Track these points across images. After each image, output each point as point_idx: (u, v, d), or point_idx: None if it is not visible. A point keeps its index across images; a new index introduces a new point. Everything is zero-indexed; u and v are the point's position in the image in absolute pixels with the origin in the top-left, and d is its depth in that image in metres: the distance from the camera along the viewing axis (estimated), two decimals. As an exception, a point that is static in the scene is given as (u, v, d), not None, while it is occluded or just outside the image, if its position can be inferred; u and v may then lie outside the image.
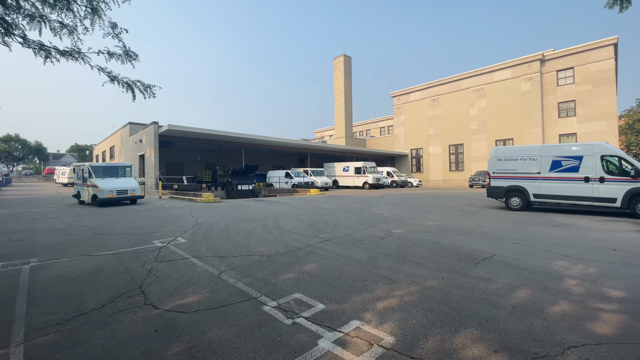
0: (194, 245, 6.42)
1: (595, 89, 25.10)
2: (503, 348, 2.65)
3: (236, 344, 2.73)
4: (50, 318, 3.25)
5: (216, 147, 29.02)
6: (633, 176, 9.54)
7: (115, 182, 14.34)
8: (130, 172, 15.72)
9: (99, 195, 13.55)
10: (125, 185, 14.44)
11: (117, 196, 13.94)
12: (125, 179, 15.02)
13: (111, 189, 13.77)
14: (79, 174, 15.47)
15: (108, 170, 14.91)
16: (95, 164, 14.66)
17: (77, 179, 15.76)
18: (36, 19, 5.43)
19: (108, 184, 13.96)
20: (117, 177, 14.89)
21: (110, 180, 14.39)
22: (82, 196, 14.97)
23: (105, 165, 15.17)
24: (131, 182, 14.86)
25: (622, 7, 5.30)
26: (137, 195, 14.74)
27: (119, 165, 15.64)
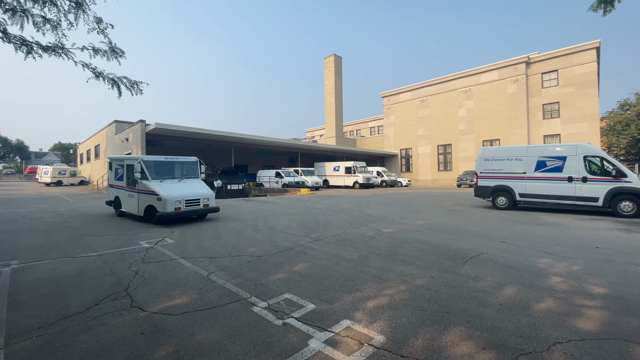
0: (182, 246, 6.32)
1: (578, 91, 25.79)
2: (491, 345, 2.69)
3: (226, 346, 2.70)
4: (32, 322, 3.15)
5: (205, 146, 28.66)
6: (614, 176, 9.84)
7: (181, 188, 9.22)
8: (197, 170, 10.41)
9: (160, 207, 8.48)
10: (196, 191, 9.35)
11: (185, 209, 8.82)
12: (191, 182, 9.81)
13: (178, 197, 8.65)
14: (117, 172, 10.74)
15: (164, 168, 9.69)
16: (150, 158, 9.48)
17: (114, 179, 10.96)
18: (18, 13, 5.25)
19: (172, 189, 8.89)
20: (179, 179, 9.72)
21: (173, 183, 9.28)
22: (124, 205, 10.24)
23: (162, 160, 9.79)
24: (201, 187, 9.77)
25: (605, 10, 5.45)
26: (210, 207, 9.50)
27: (181, 160, 10.19)
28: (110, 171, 11.10)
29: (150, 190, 8.75)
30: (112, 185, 11.12)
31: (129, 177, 9.71)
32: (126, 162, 9.96)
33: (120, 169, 10.43)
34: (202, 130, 22.43)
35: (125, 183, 10.03)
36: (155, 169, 9.33)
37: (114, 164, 10.90)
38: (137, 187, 9.19)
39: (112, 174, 11.06)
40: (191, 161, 10.26)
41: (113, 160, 11.00)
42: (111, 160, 11.09)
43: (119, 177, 10.56)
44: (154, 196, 8.60)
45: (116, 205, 10.77)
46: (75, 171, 35.32)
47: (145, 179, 9.01)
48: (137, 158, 9.13)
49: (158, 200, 8.44)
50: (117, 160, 10.77)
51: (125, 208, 10.10)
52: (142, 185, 9.01)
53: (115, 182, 10.85)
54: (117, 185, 10.64)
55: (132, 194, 9.58)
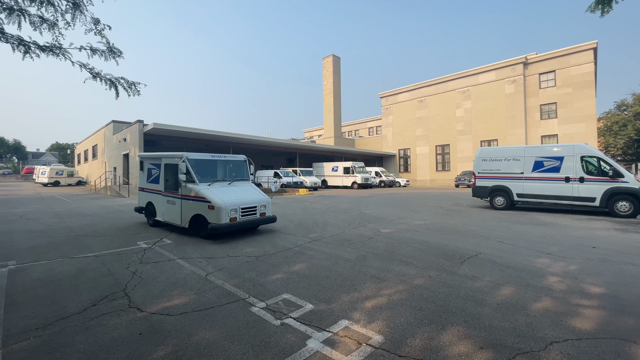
0: (180, 247, 6.31)
1: (575, 91, 25.91)
2: (488, 344, 2.70)
3: (224, 346, 2.70)
4: (29, 323, 3.14)
5: (203, 146, 28.61)
6: (611, 176, 9.89)
7: (233, 193, 7.33)
8: (246, 171, 8.49)
9: (213, 217, 6.62)
10: (252, 197, 7.49)
11: (241, 219, 6.99)
12: (243, 186, 7.95)
13: (234, 205, 6.85)
14: (151, 173, 8.63)
15: (208, 169, 7.78)
16: (195, 156, 7.61)
17: (146, 181, 8.84)
18: (15, 12, 5.23)
19: (225, 195, 7.03)
20: (228, 182, 7.79)
21: (223, 187, 7.41)
22: (161, 213, 8.21)
23: (208, 159, 7.86)
24: (255, 192, 7.94)
25: (603, 11, 5.49)
26: (267, 216, 7.67)
27: (228, 159, 8.27)
28: (142, 172, 9.00)
29: (199, 196, 6.84)
30: (143, 188, 9.01)
31: (168, 180, 7.95)
32: (164, 161, 8.04)
33: (155, 169, 8.38)
34: (200, 130, 22.41)
35: (162, 186, 8.07)
36: (198, 169, 7.37)
37: (146, 164, 8.88)
38: (181, 191, 7.32)
39: (143, 175, 8.97)
40: (239, 160, 8.35)
41: (145, 159, 8.96)
42: (142, 159, 9.05)
43: (152, 178, 8.53)
44: (203, 203, 6.74)
45: (149, 212, 8.74)
46: (72, 171, 35.18)
47: (191, 182, 7.10)
48: (181, 156, 7.29)
49: (210, 208, 6.59)
50: (150, 159, 8.68)
51: (163, 217, 8.06)
52: (188, 189, 7.12)
53: (147, 185, 8.75)
54: (151, 189, 8.59)
55: (173, 200, 7.58)
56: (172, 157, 7.78)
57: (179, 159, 7.33)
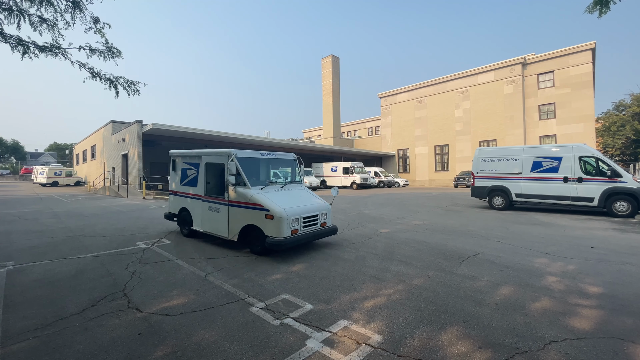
0: (179, 247, 6.31)
1: (573, 92, 25.98)
2: (487, 344, 2.71)
3: (223, 346, 2.70)
4: (28, 323, 3.13)
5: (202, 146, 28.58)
6: (609, 176, 9.92)
7: (290, 198, 6.05)
8: (296, 172, 7.15)
9: (272, 229, 5.36)
10: (310, 204, 6.18)
11: (303, 231, 5.72)
12: (297, 190, 6.58)
13: (295, 214, 5.59)
14: (186, 174, 7.28)
15: (255, 169, 6.50)
16: (245, 153, 6.30)
17: (180, 183, 7.49)
18: (14, 12, 5.22)
19: (283, 201, 5.74)
20: (280, 185, 6.45)
21: (276, 192, 6.12)
22: (200, 222, 6.79)
23: (258, 157, 6.51)
24: (312, 196, 6.57)
25: (601, 12, 5.51)
26: (328, 226, 6.33)
27: (278, 158, 6.95)
28: (174, 172, 7.69)
29: (252, 202, 5.54)
30: (175, 192, 7.60)
31: (209, 182, 6.67)
32: (205, 160, 6.65)
33: (192, 169, 7.02)
34: (199, 130, 22.39)
35: (202, 190, 6.69)
36: (245, 170, 6.07)
37: (179, 163, 7.50)
38: (228, 196, 5.99)
39: (175, 176, 7.63)
40: (288, 159, 7.03)
41: (178, 157, 7.55)
42: (175, 157, 7.66)
43: (188, 180, 7.16)
44: (259, 212, 5.44)
45: (182, 220, 7.36)
46: (71, 172, 35.09)
47: (241, 185, 5.82)
48: (228, 154, 6.02)
49: (267, 218, 5.30)
50: (186, 157, 7.30)
51: (202, 226, 6.66)
52: (238, 194, 5.77)
53: (181, 187, 7.37)
54: (186, 193, 7.18)
55: (217, 206, 6.25)
56: (216, 156, 6.45)
57: (226, 157, 6.06)
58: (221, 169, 6.39)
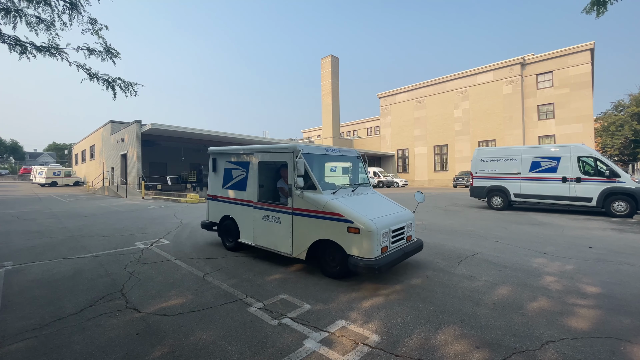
0: (178, 247, 6.30)
1: (572, 92, 26.03)
2: (484, 344, 2.71)
3: (221, 346, 2.70)
4: (26, 323, 3.13)
5: (201, 146, 28.56)
6: (608, 176, 9.95)
7: (367, 205, 4.73)
8: (362, 172, 5.92)
9: (358, 247, 4.04)
10: (395, 212, 4.86)
11: (392, 248, 4.38)
12: (369, 193, 5.45)
13: (385, 226, 4.25)
14: (231, 175, 6.07)
15: (320, 167, 5.35)
16: (310, 149, 4.99)
17: (222, 187, 6.24)
18: (12, 13, 5.21)
19: (364, 208, 4.48)
20: (352, 188, 5.21)
21: (349, 197, 4.81)
22: (251, 234, 5.47)
23: (323, 154, 5.25)
24: (389, 203, 5.40)
25: (598, 12, 5.53)
26: (414, 240, 5.05)
27: (342, 154, 5.61)
28: (214, 173, 6.43)
29: (329, 211, 4.31)
30: (216, 196, 6.34)
31: (263, 185, 5.47)
32: (258, 158, 5.39)
33: (240, 169, 5.78)
34: (198, 130, 22.39)
35: (254, 195, 5.40)
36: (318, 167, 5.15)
37: (221, 162, 6.28)
38: (291, 203, 4.75)
39: (216, 177, 6.35)
40: (352, 156, 5.73)
41: (220, 156, 6.29)
42: (216, 156, 6.39)
43: (234, 183, 5.90)
44: (337, 223, 4.22)
45: (225, 231, 6.13)
46: (70, 172, 35.04)
47: (311, 189, 4.61)
48: (293, 149, 4.76)
49: (351, 232, 4.08)
50: (230, 155, 6.03)
51: (255, 239, 5.37)
52: (307, 200, 4.54)
53: (224, 191, 6.12)
54: (231, 198, 5.94)
55: (276, 215, 4.99)
56: (274, 152, 5.20)
57: (290, 153, 4.79)
58: (280, 168, 5.47)
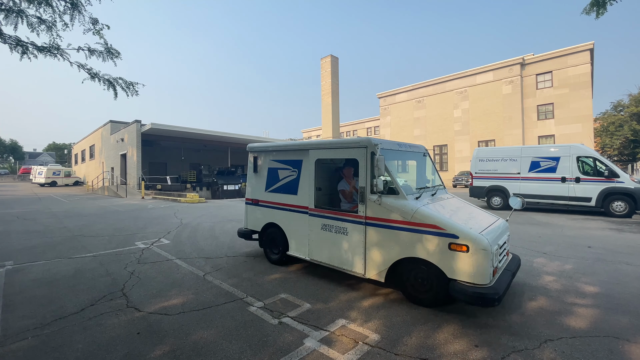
0: (178, 247, 6.32)
1: (572, 92, 26.05)
2: (483, 343, 2.73)
3: (221, 345, 2.72)
4: (27, 323, 3.15)
5: (201, 146, 28.61)
6: (607, 176, 9.97)
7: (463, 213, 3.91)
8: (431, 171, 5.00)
9: (467, 270, 3.11)
10: (490, 221, 3.92)
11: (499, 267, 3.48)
12: (448, 197, 4.56)
13: (494, 241, 3.34)
14: (277, 175, 5.12)
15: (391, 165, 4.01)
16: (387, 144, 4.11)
17: (265, 190, 5.29)
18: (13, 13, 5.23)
19: (463, 219, 3.64)
20: (432, 192, 4.31)
21: (435, 203, 3.94)
22: (300, 245, 4.68)
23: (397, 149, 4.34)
24: (476, 209, 4.42)
25: (598, 13, 5.55)
26: (512, 255, 4.19)
27: (410, 150, 4.68)
28: (254, 174, 5.50)
29: (420, 222, 3.46)
30: (257, 201, 5.42)
31: (321, 188, 4.71)
32: (314, 156, 4.53)
33: (289, 169, 4.90)
34: (198, 130, 22.41)
35: (310, 199, 4.52)
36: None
37: (265, 160, 5.34)
38: (364, 210, 3.89)
39: (258, 179, 5.44)
40: (419, 152, 4.90)
41: (262, 153, 5.40)
42: (256, 153, 5.48)
43: (281, 185, 5.00)
44: (433, 238, 3.36)
45: (269, 241, 5.25)
46: (69, 171, 35.03)
47: (390, 194, 3.81)
48: (367, 144, 3.92)
49: (455, 249, 3.22)
50: (277, 153, 5.16)
51: (312, 253, 4.48)
52: (388, 207, 3.70)
53: (268, 195, 5.22)
54: (277, 203, 5.04)
55: (342, 225, 4.13)
56: (339, 148, 4.23)
57: (363, 149, 3.92)
58: (344, 167, 4.63)
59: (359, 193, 3.95)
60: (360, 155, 3.96)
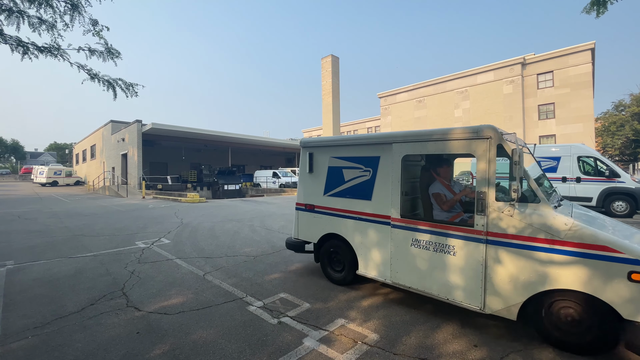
0: (178, 246, 6.33)
1: (573, 92, 26.01)
2: (482, 343, 2.73)
3: (221, 345, 2.72)
4: (27, 322, 3.16)
5: (202, 146, 28.65)
6: (607, 176, 9.96)
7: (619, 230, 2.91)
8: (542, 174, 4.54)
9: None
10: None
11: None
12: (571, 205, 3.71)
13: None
14: (341, 175, 4.16)
15: None
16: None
17: (328, 192, 4.30)
18: (14, 14, 5.24)
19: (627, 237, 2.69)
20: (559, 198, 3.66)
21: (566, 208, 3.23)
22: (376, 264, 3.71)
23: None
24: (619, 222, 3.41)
25: (598, 12, 5.54)
26: None
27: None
28: (309, 174, 4.56)
29: (580, 242, 2.56)
30: (313, 206, 4.52)
31: (408, 192, 3.83)
32: (403, 151, 3.57)
33: (359, 168, 4.00)
34: (198, 130, 22.44)
35: (393, 207, 3.59)
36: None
37: (321, 157, 4.45)
38: (485, 223, 2.94)
39: (312, 179, 4.53)
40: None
41: (320, 149, 4.48)
42: (313, 149, 4.55)
43: (349, 188, 4.10)
44: (603, 265, 2.47)
45: (331, 255, 4.34)
46: (70, 171, 35.11)
47: (532, 201, 2.90)
48: (485, 131, 3.02)
49: (637, 280, 2.35)
50: (341, 148, 4.24)
51: (395, 275, 3.54)
52: (523, 219, 2.78)
53: (328, 199, 4.33)
54: (342, 210, 4.15)
55: (446, 241, 3.17)
56: (440, 140, 3.31)
57: (483, 140, 3.03)
58: (438, 166, 3.81)
59: (476, 200, 3.00)
60: (479, 148, 3.02)
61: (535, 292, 2.69)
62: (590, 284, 2.50)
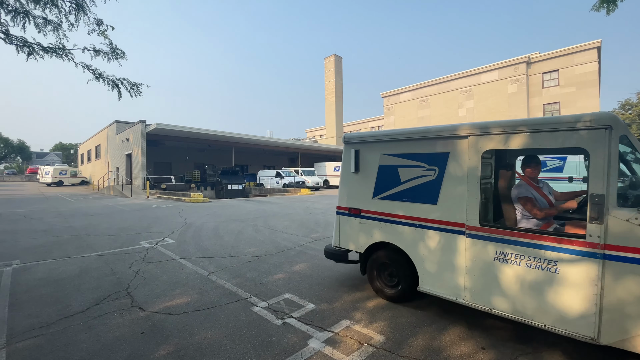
0: (182, 246, 6.33)
1: (579, 91, 25.76)
2: (490, 345, 2.69)
3: (225, 345, 2.71)
4: (33, 321, 3.17)
5: (205, 146, 28.70)
6: (614, 176, 9.85)
7: None
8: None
9: None
10: None
11: None
12: None
13: None
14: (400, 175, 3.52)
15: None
16: None
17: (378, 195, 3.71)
18: (20, 14, 5.26)
19: None
20: None
21: None
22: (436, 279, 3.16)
23: None
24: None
25: (608, 10, 5.44)
26: None
27: None
28: (355, 174, 3.96)
29: None
30: (359, 211, 3.93)
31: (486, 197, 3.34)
32: (490, 145, 2.88)
33: (420, 167, 3.38)
34: (202, 130, 22.50)
35: (469, 213, 2.97)
36: None
37: (370, 154, 3.84)
38: (603, 233, 2.31)
39: (358, 180, 3.95)
40: None
41: (368, 145, 3.88)
42: (359, 145, 3.96)
43: (406, 190, 3.48)
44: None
45: (383, 267, 3.75)
46: (76, 171, 35.41)
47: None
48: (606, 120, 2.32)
49: None
50: (395, 142, 3.62)
51: (472, 295, 2.92)
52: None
53: (378, 202, 3.72)
54: (397, 216, 3.54)
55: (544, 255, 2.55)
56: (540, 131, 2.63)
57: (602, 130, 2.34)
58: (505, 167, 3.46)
59: (589, 205, 2.37)
60: (594, 141, 2.38)
61: None
62: None
